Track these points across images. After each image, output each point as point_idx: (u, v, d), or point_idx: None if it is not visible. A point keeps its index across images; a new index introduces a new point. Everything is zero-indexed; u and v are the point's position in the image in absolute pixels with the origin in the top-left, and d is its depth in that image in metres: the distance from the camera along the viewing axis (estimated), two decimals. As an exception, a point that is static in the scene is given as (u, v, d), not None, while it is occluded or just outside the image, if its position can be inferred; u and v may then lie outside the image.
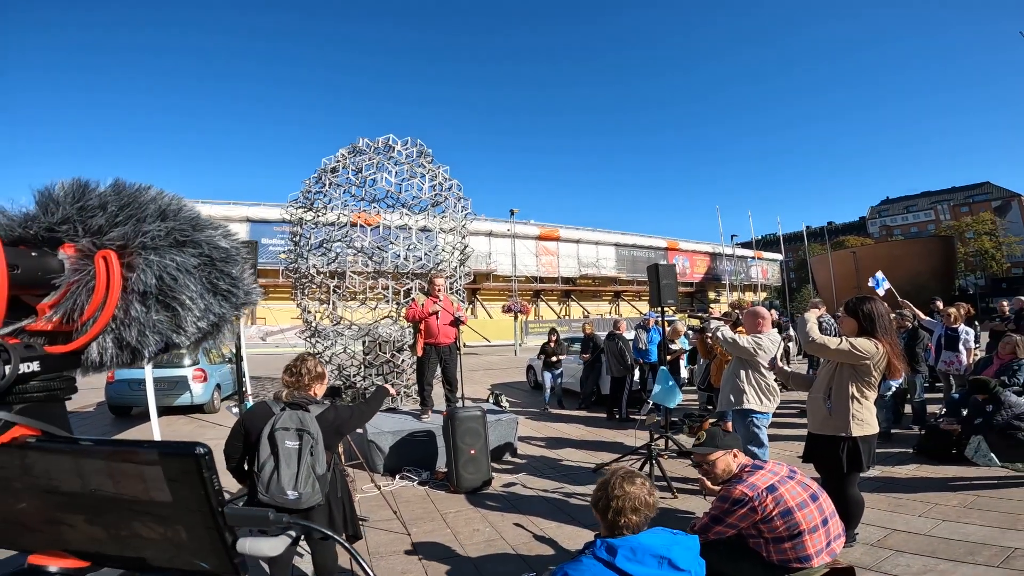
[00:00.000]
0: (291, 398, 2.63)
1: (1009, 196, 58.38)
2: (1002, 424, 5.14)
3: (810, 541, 2.47)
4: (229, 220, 34.56)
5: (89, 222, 0.72)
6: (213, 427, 8.31)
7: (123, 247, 0.72)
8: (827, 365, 3.42)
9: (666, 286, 5.88)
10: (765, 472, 2.63)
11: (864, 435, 3.22)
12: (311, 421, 2.53)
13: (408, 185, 9.63)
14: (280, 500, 2.42)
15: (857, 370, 3.22)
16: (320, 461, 2.51)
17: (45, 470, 0.66)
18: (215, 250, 0.79)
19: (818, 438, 3.37)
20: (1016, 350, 6.42)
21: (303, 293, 10.09)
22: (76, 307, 0.70)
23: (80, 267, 0.70)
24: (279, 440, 2.44)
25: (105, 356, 0.73)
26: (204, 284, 0.77)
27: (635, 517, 1.96)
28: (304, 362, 2.72)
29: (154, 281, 0.72)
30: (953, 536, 3.60)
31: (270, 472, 2.42)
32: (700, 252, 50.68)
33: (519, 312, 27.74)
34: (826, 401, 3.27)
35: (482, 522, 4.27)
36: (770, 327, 4.70)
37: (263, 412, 2.58)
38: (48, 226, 0.71)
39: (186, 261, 0.75)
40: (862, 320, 3.29)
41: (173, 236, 0.75)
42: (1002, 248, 53.73)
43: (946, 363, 7.47)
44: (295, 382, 2.68)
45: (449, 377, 6.34)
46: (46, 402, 0.70)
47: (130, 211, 0.74)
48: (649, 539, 1.92)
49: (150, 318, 0.73)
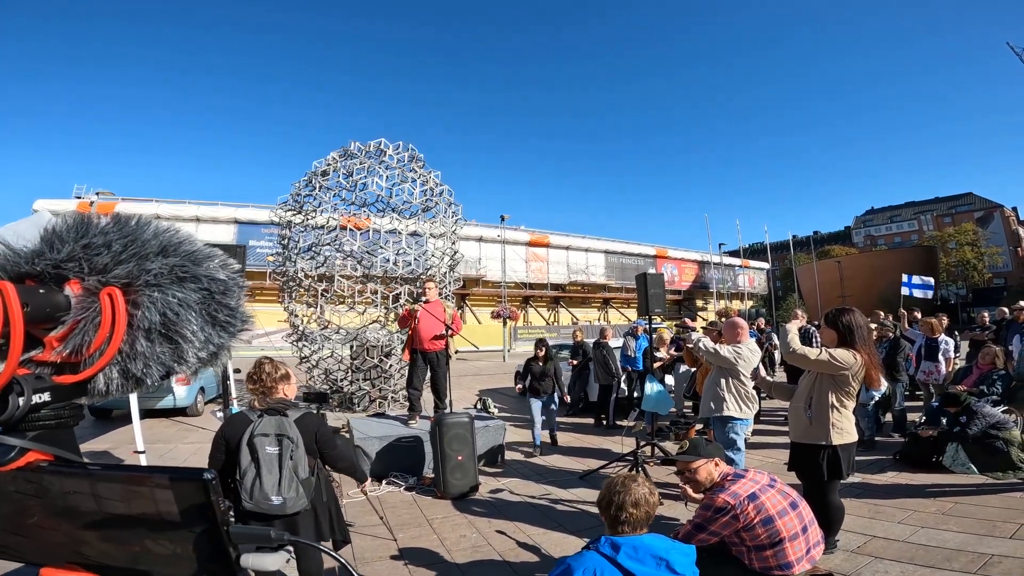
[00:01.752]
0: (265, 404, 2.60)
1: (991, 207, 59.57)
2: (977, 434, 5.25)
3: (791, 548, 2.51)
4: (217, 221, 34.00)
5: (95, 260, 0.75)
6: (196, 430, 8.21)
7: (127, 284, 0.76)
8: (808, 375, 3.47)
9: (654, 295, 5.93)
10: (747, 481, 2.68)
11: (844, 443, 3.28)
12: (290, 425, 2.52)
13: (399, 190, 9.65)
14: (265, 506, 2.40)
15: (836, 380, 3.28)
16: (302, 465, 2.50)
17: (60, 492, 0.71)
18: (214, 283, 0.82)
19: (799, 446, 3.42)
20: (995, 360, 6.56)
21: (290, 296, 10.03)
22: (84, 342, 0.73)
23: (87, 304, 0.74)
24: (258, 446, 2.43)
25: (111, 386, 0.77)
26: (204, 317, 0.81)
27: (636, 511, 2.05)
28: (262, 367, 2.68)
29: (158, 318, 0.76)
30: (931, 543, 3.66)
31: (252, 479, 2.41)
32: (688, 260, 51.05)
33: (508, 318, 27.75)
34: (807, 410, 3.33)
35: (469, 528, 4.27)
36: (748, 337, 4.79)
37: (241, 421, 2.57)
38: (55, 263, 0.75)
39: (188, 297, 0.79)
40: (842, 331, 3.36)
41: (175, 272, 0.79)
42: (984, 259, 54.77)
43: (926, 373, 7.61)
44: (259, 388, 2.64)
45: (438, 387, 6.27)
46: (56, 429, 0.74)
47: (133, 249, 0.77)
48: (651, 540, 2.02)
49: (154, 351, 0.77)
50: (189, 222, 33.05)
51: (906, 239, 64.65)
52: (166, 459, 6.39)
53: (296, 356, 10.21)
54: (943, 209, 64.20)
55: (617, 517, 2.06)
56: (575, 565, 1.94)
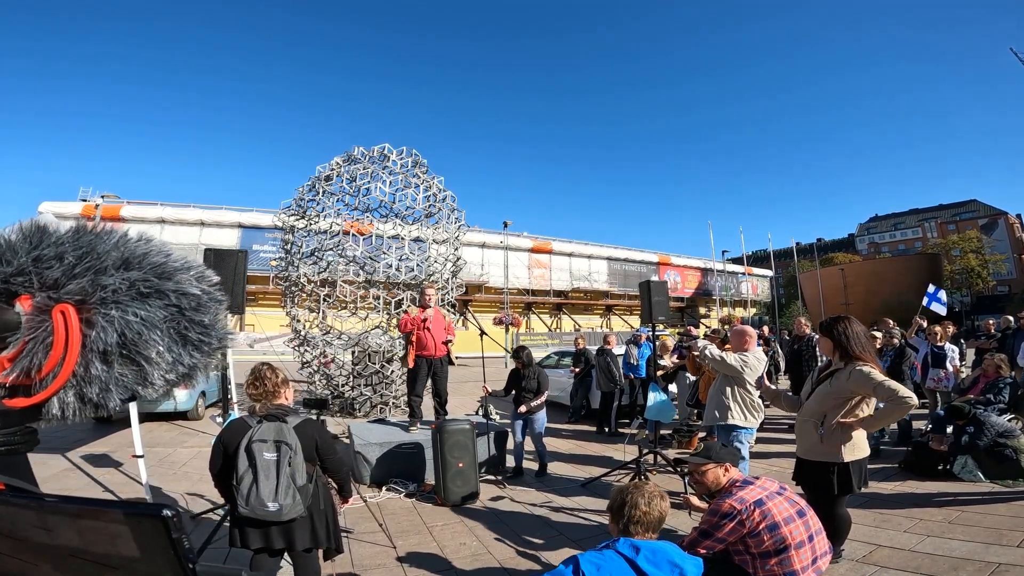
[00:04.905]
0: (266, 410, 2.60)
1: (995, 214, 59.41)
2: (988, 444, 5.20)
3: (796, 557, 2.47)
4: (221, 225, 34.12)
5: (45, 274, 0.69)
6: (196, 434, 8.19)
7: (81, 301, 0.70)
8: (820, 390, 3.36)
9: (657, 303, 5.91)
10: (755, 487, 2.64)
11: (856, 459, 3.20)
12: (289, 432, 2.51)
13: (402, 195, 9.67)
14: (260, 513, 2.39)
15: (849, 400, 3.18)
16: (300, 472, 2.48)
17: (11, 522, 0.65)
18: (184, 298, 0.75)
19: (808, 463, 3.29)
20: (1000, 369, 6.50)
21: (293, 301, 10.03)
22: (34, 364, 0.67)
23: (37, 323, 0.68)
24: (256, 452, 2.42)
25: (67, 411, 0.71)
26: (173, 336, 0.73)
27: (649, 511, 2.09)
28: (262, 373, 2.68)
29: (115, 339, 0.69)
30: (937, 552, 3.61)
31: (249, 485, 2.40)
32: (691, 267, 51.04)
33: (510, 324, 27.73)
34: (819, 427, 3.24)
35: (469, 536, 4.23)
36: (755, 345, 4.73)
37: (240, 427, 2.56)
38: (4, 277, 0.69)
39: (152, 315, 0.72)
40: (837, 339, 3.29)
41: (136, 288, 0.72)
42: (988, 266, 54.57)
43: (934, 380, 7.55)
44: (261, 394, 2.64)
45: (440, 390, 6.30)
46: (7, 455, 0.69)
47: (88, 262, 0.70)
48: (667, 547, 2.04)
49: (112, 375, 0.71)
50: (193, 226, 33.26)
51: (910, 246, 64.47)
52: (165, 463, 6.37)
53: (298, 361, 10.21)
54: (947, 216, 64.07)
55: (631, 516, 2.08)
56: (594, 561, 1.95)
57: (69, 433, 8.33)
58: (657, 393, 5.89)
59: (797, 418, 3.45)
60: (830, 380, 3.23)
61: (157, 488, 5.39)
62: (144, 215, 32.83)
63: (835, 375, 3.22)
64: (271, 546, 2.56)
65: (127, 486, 5.46)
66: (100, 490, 5.37)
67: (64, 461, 6.44)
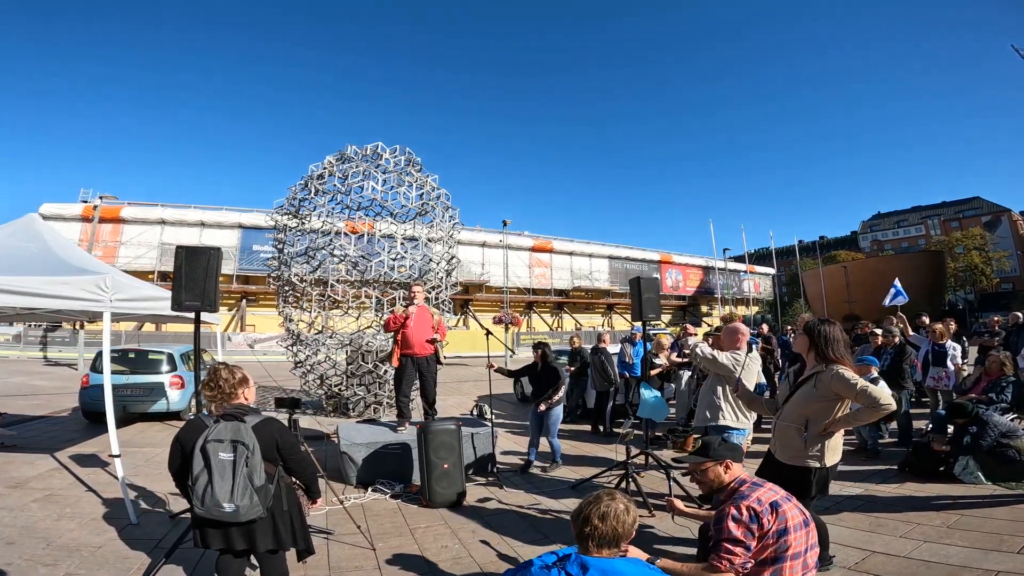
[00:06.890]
0: (222, 410, 2.54)
1: (999, 211, 59.03)
2: (991, 445, 5.05)
3: (788, 569, 2.34)
4: (221, 226, 34.13)
5: None
6: (188, 437, 8.11)
7: None
8: (802, 392, 3.24)
9: (648, 300, 5.76)
10: (767, 490, 2.49)
11: (835, 463, 3.10)
12: (246, 432, 2.43)
13: (395, 194, 9.56)
14: (216, 513, 2.33)
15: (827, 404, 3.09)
16: (257, 473, 2.40)
17: None
18: None
19: (787, 467, 3.16)
20: (1004, 367, 6.36)
21: (285, 301, 9.95)
22: None
23: None
24: (211, 452, 2.35)
25: None
26: None
27: (601, 525, 1.92)
28: (218, 373, 2.61)
29: None
30: (934, 558, 3.48)
31: (204, 485, 2.33)
32: (693, 265, 50.77)
33: (510, 324, 27.60)
34: (802, 432, 3.12)
35: (451, 538, 4.13)
36: (746, 344, 4.59)
37: (196, 426, 2.50)
38: None
39: None
40: (815, 339, 3.18)
41: None
42: (991, 263, 54.19)
43: (935, 379, 7.42)
44: (216, 395, 2.58)
45: (427, 393, 6.18)
46: None
47: None
48: (624, 566, 1.85)
49: None
50: (194, 227, 33.23)
51: (913, 244, 64.12)
52: (152, 463, 6.30)
53: (292, 360, 10.13)
54: (950, 213, 63.69)
55: (581, 530, 1.92)
56: None
57: (60, 433, 8.27)
58: (649, 392, 5.77)
59: (775, 422, 3.30)
60: (814, 382, 3.10)
61: (141, 487, 5.32)
62: (145, 216, 32.81)
63: (817, 377, 3.10)
64: (232, 547, 2.49)
65: (111, 486, 5.39)
66: (83, 490, 5.30)
67: (52, 461, 6.39)
